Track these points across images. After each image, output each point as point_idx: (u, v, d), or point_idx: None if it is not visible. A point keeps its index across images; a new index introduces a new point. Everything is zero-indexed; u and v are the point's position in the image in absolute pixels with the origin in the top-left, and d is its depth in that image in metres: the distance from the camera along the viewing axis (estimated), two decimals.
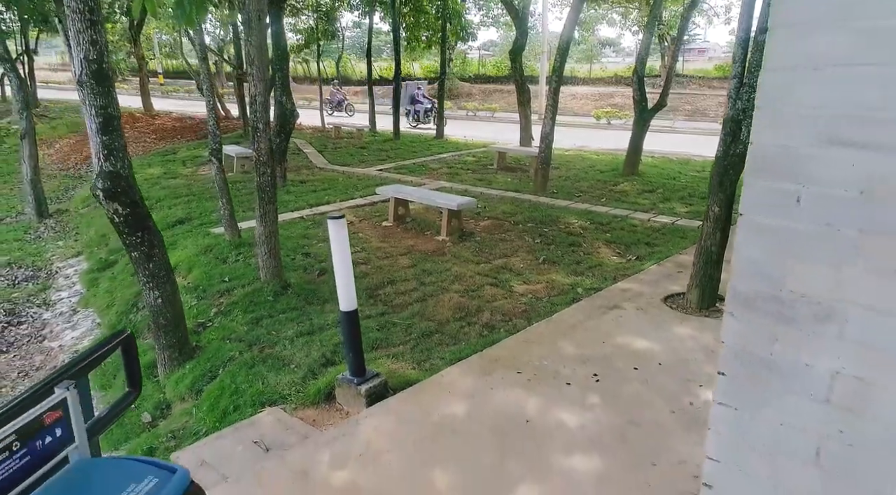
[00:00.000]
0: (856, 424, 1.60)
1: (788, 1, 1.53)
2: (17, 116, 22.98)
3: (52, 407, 1.61)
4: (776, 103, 1.59)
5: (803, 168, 1.57)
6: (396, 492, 2.78)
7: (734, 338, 1.77)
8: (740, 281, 1.73)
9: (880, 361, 1.53)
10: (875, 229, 1.49)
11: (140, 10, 3.84)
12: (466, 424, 3.33)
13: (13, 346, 6.04)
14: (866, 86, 1.44)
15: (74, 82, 3.67)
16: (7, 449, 1.47)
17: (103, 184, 3.74)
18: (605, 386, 3.70)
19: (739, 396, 1.79)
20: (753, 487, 1.81)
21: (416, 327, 4.77)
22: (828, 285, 1.58)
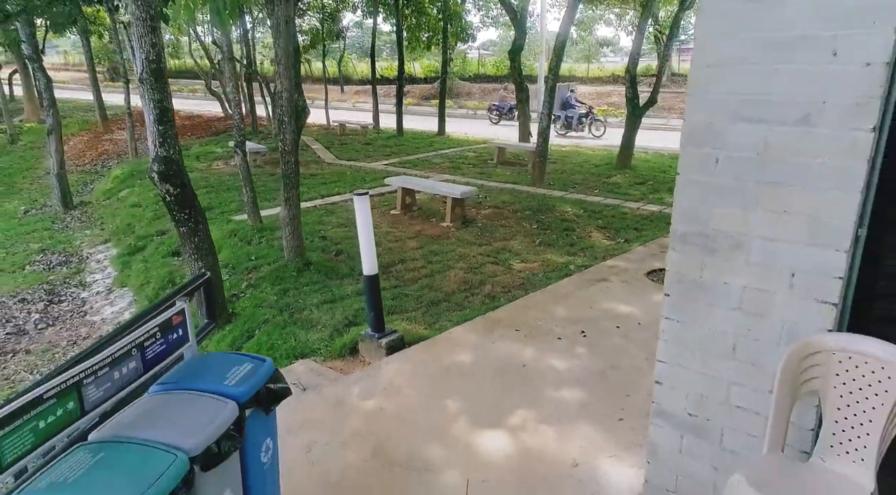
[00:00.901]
0: (759, 324, 2.21)
1: (706, 19, 2.14)
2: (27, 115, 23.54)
3: (176, 314, 2.22)
4: (701, 92, 2.20)
5: (719, 138, 2.18)
6: (415, 415, 3.38)
7: (675, 266, 2.38)
8: (678, 223, 2.34)
9: (773, 276, 2.14)
10: (766, 180, 2.10)
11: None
12: (471, 368, 3.94)
13: (58, 320, 6.64)
14: (756, 79, 2.05)
15: (136, 80, 4.27)
16: (153, 337, 2.08)
17: (158, 167, 4.34)
18: (590, 340, 4.31)
19: (679, 311, 2.40)
20: (690, 378, 2.42)
21: (426, 297, 5.37)
22: (738, 223, 2.19)
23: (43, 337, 6.28)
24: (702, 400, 2.41)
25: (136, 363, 2.01)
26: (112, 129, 18.95)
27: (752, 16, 2.03)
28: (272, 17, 5.43)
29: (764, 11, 2.00)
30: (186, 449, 1.75)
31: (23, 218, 11.33)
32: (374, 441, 3.13)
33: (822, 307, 2.07)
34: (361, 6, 20.47)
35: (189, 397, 2.02)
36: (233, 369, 2.19)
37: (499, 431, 3.21)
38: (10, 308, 7.08)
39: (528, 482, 2.82)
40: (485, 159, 13.25)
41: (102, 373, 1.84)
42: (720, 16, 2.12)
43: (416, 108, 26.74)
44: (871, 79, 1.85)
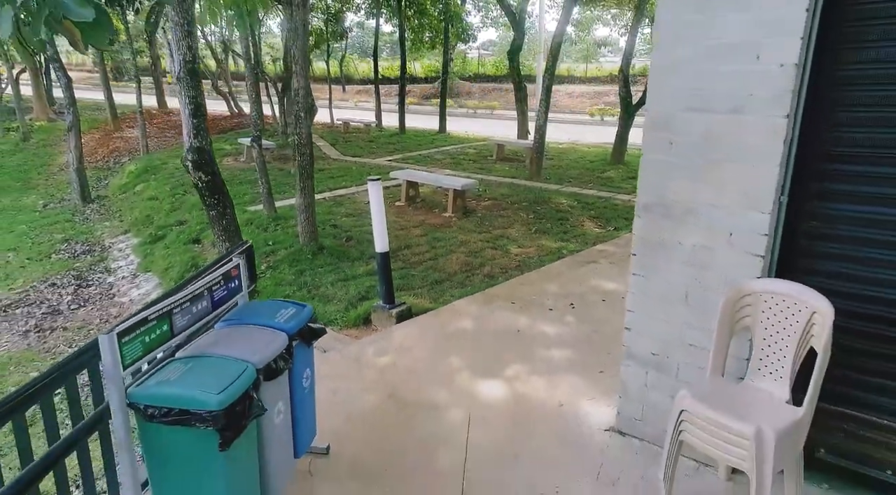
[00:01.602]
0: (705, 275, 2.73)
1: (662, 29, 2.66)
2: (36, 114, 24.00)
3: (234, 267, 2.75)
4: (658, 87, 2.72)
5: (673, 124, 2.70)
6: (424, 368, 3.90)
7: (640, 230, 2.90)
8: (643, 195, 2.86)
9: (716, 235, 2.66)
10: (709, 159, 2.62)
11: (158, 13, 4.90)
12: (472, 333, 4.46)
13: (89, 302, 7.16)
14: (700, 77, 2.57)
15: (174, 79, 4.78)
16: (219, 283, 2.60)
17: (192, 156, 4.86)
18: (578, 311, 4.83)
19: (644, 267, 2.93)
20: (652, 324, 2.94)
21: (430, 277, 5.89)
22: (688, 193, 2.71)
23: (76, 316, 6.80)
24: (662, 341, 2.94)
25: (207, 302, 2.53)
26: (122, 127, 19.44)
27: (697, 27, 2.56)
28: (290, 20, 5.93)
29: (706, 24, 2.53)
30: (254, 362, 2.27)
31: (42, 211, 11.84)
32: (389, 387, 3.65)
33: (753, 259, 2.60)
34: (364, 7, 20.96)
35: (250, 329, 2.55)
36: (281, 311, 2.71)
37: (496, 380, 3.73)
38: (42, 291, 7.60)
39: (521, 417, 3.34)
40: (484, 155, 13.77)
41: (185, 307, 2.37)
42: (672, 27, 2.65)
43: (416, 107, 27.23)
44: (786, 77, 2.38)
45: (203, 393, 2.03)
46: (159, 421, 2.05)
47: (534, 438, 3.14)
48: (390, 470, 2.89)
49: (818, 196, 2.52)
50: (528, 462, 2.95)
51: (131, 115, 21.08)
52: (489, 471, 2.88)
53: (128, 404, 2.06)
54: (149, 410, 2.05)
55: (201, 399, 2.02)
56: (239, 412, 2.09)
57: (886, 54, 2.31)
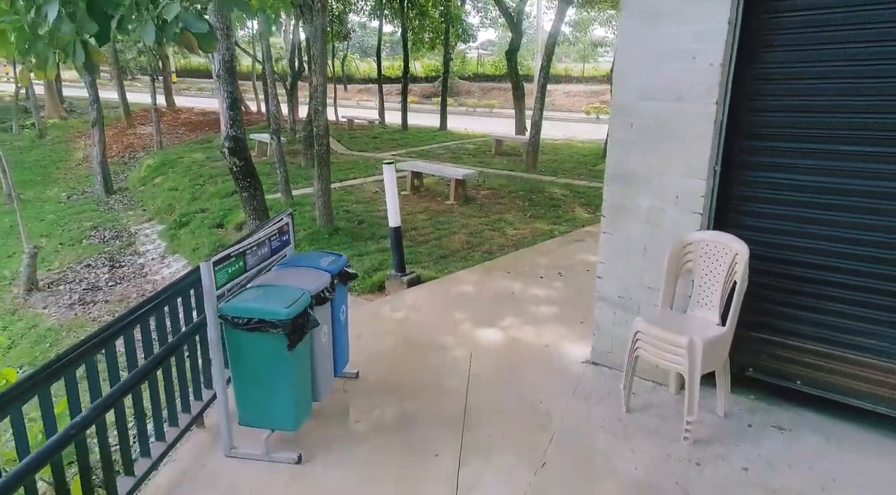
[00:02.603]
0: (658, 230, 3.45)
1: (623, 35, 3.38)
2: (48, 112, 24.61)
3: (284, 224, 3.47)
4: (621, 82, 3.44)
5: (633, 110, 3.42)
6: (432, 320, 4.62)
7: (608, 197, 3.62)
8: (610, 167, 3.58)
9: (665, 198, 3.38)
10: (660, 137, 3.34)
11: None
12: (473, 294, 5.18)
13: (124, 280, 7.87)
14: (652, 73, 3.28)
15: (214, 76, 5.49)
16: (275, 234, 3.32)
17: (229, 144, 5.57)
18: (566, 278, 5.55)
19: (612, 226, 3.65)
20: (618, 272, 3.66)
21: (435, 253, 6.61)
22: (645, 165, 3.43)
23: (114, 291, 7.51)
24: (626, 286, 3.66)
25: (267, 249, 3.26)
26: (134, 124, 20.14)
27: (648, 36, 3.28)
28: (310, 24, 6.64)
29: (654, 33, 3.24)
30: (308, 290, 2.98)
31: (67, 202, 12.55)
32: (404, 334, 4.37)
33: (693, 216, 3.31)
34: (366, 9, 21.66)
35: (301, 269, 3.27)
36: (324, 257, 3.43)
37: (493, 329, 4.45)
38: (79, 271, 8.32)
39: (513, 354, 4.06)
40: (484, 151, 14.48)
41: (253, 250, 3.09)
42: (631, 34, 3.36)
43: (417, 106, 27.90)
44: (715, 73, 3.10)
45: (275, 308, 2.75)
46: (242, 328, 2.76)
47: (523, 368, 3.86)
48: (408, 389, 3.61)
49: (742, 166, 3.25)
50: (519, 384, 3.67)
51: (140, 113, 21.81)
52: (487, 390, 3.60)
53: (219, 316, 2.78)
54: (234, 320, 2.76)
55: (274, 311, 2.74)
56: (301, 322, 2.81)
57: (790, 57, 3.04)
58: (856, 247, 3.02)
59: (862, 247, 3.00)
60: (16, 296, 7.53)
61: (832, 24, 2.91)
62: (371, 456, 2.99)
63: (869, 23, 2.82)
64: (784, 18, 3.04)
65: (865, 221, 2.98)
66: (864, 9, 2.83)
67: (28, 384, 2.20)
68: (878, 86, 2.86)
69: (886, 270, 2.96)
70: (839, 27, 2.90)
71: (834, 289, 3.11)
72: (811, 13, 2.95)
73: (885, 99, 2.84)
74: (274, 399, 2.89)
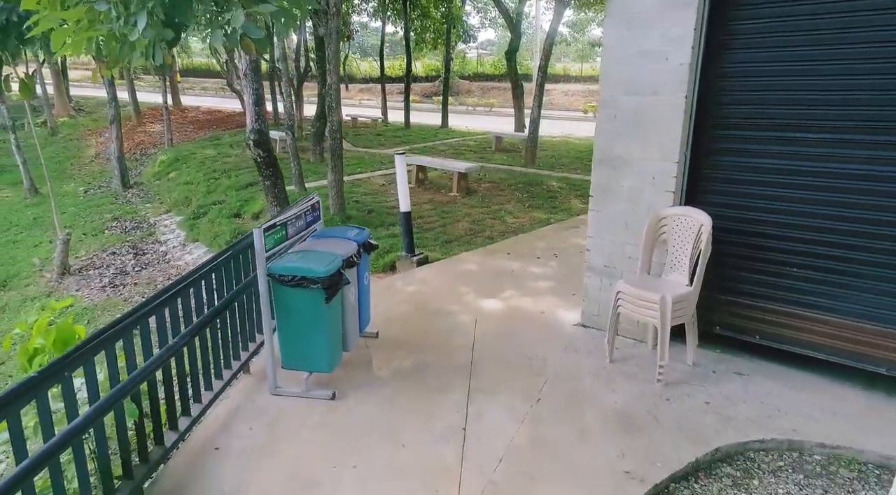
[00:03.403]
0: (637, 207, 4.01)
1: (608, 38, 3.93)
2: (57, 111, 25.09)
3: (315, 202, 4.02)
4: (607, 78, 3.99)
5: (617, 104, 3.97)
6: (440, 292, 5.17)
7: (596, 179, 4.18)
8: (597, 153, 4.14)
9: (644, 179, 3.94)
10: (639, 126, 3.89)
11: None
12: (476, 272, 5.73)
13: (149, 265, 8.42)
14: (633, 71, 3.84)
15: (241, 75, 6.02)
16: (308, 211, 3.88)
17: (254, 136, 6.12)
18: (560, 259, 6.11)
19: (598, 204, 4.20)
20: (604, 244, 4.21)
21: (440, 238, 7.16)
22: (626, 151, 3.99)
23: (141, 275, 8.06)
24: (611, 256, 4.22)
25: (303, 221, 3.81)
26: (144, 122, 20.67)
27: (628, 40, 3.83)
28: (325, 27, 7.19)
29: (634, 38, 3.80)
30: (340, 254, 3.54)
31: (85, 196, 13.09)
32: (415, 303, 4.93)
33: (667, 194, 3.87)
34: (368, 10, 22.23)
35: (333, 239, 3.82)
36: (350, 230, 3.99)
37: (495, 299, 5.01)
38: (105, 258, 8.86)
39: (513, 319, 4.61)
40: (484, 147, 15.03)
41: (293, 222, 3.64)
42: (614, 38, 3.92)
43: (417, 105, 28.40)
44: (684, 72, 3.65)
45: (315, 267, 3.30)
46: (287, 284, 3.31)
47: (522, 330, 4.41)
48: (421, 345, 4.16)
49: (708, 151, 3.80)
50: (518, 342, 4.22)
51: (147, 112, 22.36)
52: (490, 346, 4.15)
53: (267, 274, 3.33)
54: (280, 277, 3.31)
55: (314, 270, 3.29)
56: (335, 280, 3.36)
57: (747, 57, 3.59)
58: (807, 220, 3.57)
59: (812, 219, 3.55)
60: (49, 280, 8.08)
61: (782, 31, 3.47)
62: (393, 394, 3.54)
63: (813, 30, 3.38)
64: (742, 26, 3.59)
65: (815, 197, 3.53)
66: (808, 19, 3.38)
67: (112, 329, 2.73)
68: (822, 83, 3.41)
69: (833, 239, 3.51)
70: (788, 33, 3.45)
71: (788, 256, 3.67)
72: (764, 21, 3.51)
73: (829, 93, 3.39)
74: (312, 345, 3.44)
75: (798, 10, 3.40)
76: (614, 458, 2.94)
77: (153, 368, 2.81)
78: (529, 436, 3.13)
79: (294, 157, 8.97)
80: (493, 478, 2.81)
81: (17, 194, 13.84)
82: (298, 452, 3.02)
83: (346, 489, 2.75)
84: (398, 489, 2.75)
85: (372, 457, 2.97)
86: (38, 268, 8.89)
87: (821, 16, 3.33)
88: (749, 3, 3.54)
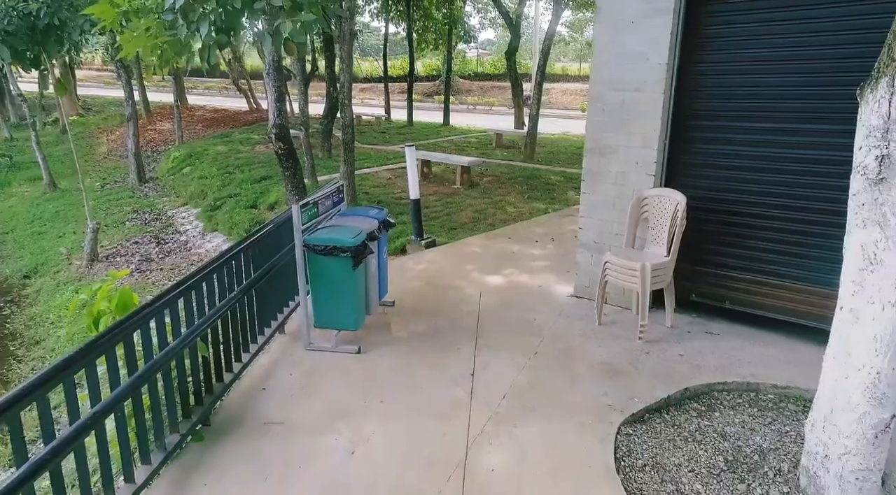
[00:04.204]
0: (623, 189, 4.56)
1: (597, 40, 4.49)
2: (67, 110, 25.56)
3: (340, 185, 4.58)
4: (596, 75, 4.55)
5: (605, 99, 4.53)
6: (448, 270, 5.72)
7: (587, 165, 4.74)
8: (588, 142, 4.69)
9: (629, 164, 4.50)
10: (624, 118, 4.45)
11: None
12: (480, 253, 6.29)
13: (172, 253, 8.96)
14: (618, 69, 4.40)
15: (264, 74, 6.58)
16: (335, 193, 4.44)
17: (276, 130, 6.67)
18: (557, 242, 6.66)
19: (589, 187, 4.76)
20: (594, 223, 4.77)
21: (446, 225, 7.72)
22: (613, 139, 4.55)
23: (165, 262, 8.61)
24: (600, 234, 4.77)
25: (331, 201, 4.37)
26: (153, 121, 21.21)
27: (614, 43, 4.38)
28: (339, 29, 7.74)
29: (618, 40, 4.35)
30: (364, 229, 4.09)
31: (102, 191, 13.62)
32: (426, 278, 5.48)
33: (649, 177, 4.42)
34: (372, 10, 22.74)
35: (356, 217, 4.38)
36: (371, 210, 4.55)
37: (498, 276, 5.56)
38: (129, 247, 9.41)
39: (513, 291, 5.17)
40: (485, 144, 15.58)
41: (323, 201, 4.20)
42: (603, 40, 4.47)
43: (418, 104, 28.94)
44: (662, 70, 4.20)
45: (344, 238, 3.85)
46: (320, 253, 3.86)
47: (522, 300, 4.97)
48: (433, 312, 4.71)
49: (684, 140, 4.36)
50: (518, 309, 4.77)
51: (156, 110, 22.91)
52: (493, 313, 4.71)
53: (304, 244, 3.89)
54: (314, 247, 3.87)
55: (343, 240, 3.84)
56: (361, 250, 3.91)
57: (717, 58, 4.14)
58: (772, 199, 4.12)
59: (776, 198, 4.10)
60: (80, 267, 8.63)
61: (745, 35, 4.02)
62: (410, 350, 4.10)
63: (769, 35, 3.93)
64: (712, 30, 4.14)
65: (778, 179, 4.08)
66: (765, 25, 3.93)
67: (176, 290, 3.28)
68: (780, 80, 3.96)
69: (794, 215, 4.05)
70: (750, 37, 4.00)
71: (753, 231, 4.22)
72: (731, 27, 4.06)
73: (785, 89, 3.94)
74: (341, 306, 4.00)
75: (757, 17, 3.95)
76: (599, 396, 3.50)
77: (214, 318, 3.36)
78: (528, 381, 3.68)
79: (307, 152, 9.51)
80: (497, 410, 3.36)
81: (37, 189, 14.39)
82: (332, 392, 3.58)
83: (374, 418, 3.30)
84: (420, 417, 3.30)
85: (395, 396, 3.53)
86: (65, 257, 9.43)
87: (776, 22, 3.89)
88: (718, 12, 4.09)
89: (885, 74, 2.27)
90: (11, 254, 10.46)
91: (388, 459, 2.97)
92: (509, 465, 2.92)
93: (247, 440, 3.14)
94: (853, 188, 2.41)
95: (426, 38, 20.75)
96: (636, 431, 3.24)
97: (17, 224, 12.06)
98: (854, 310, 2.44)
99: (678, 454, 3.05)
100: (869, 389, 2.38)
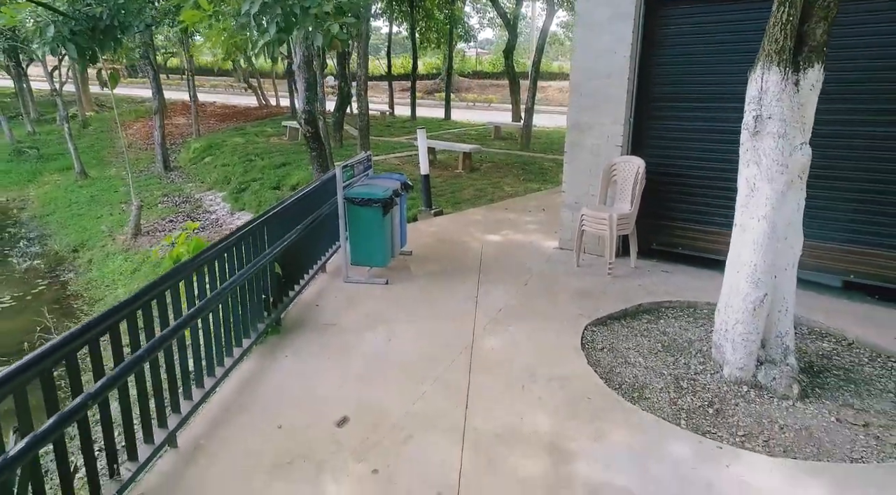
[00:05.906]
0: (597, 158, 5.67)
1: (576, 37, 5.58)
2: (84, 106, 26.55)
3: (368, 156, 5.67)
4: (576, 66, 5.64)
5: (582, 86, 5.62)
6: (454, 230, 6.81)
7: (569, 138, 5.83)
8: (569, 120, 5.79)
9: (602, 137, 5.59)
10: (598, 100, 5.55)
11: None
12: (481, 220, 7.39)
13: (205, 229, 10.04)
14: (594, 61, 5.48)
15: (295, 67, 7.64)
16: (365, 160, 5.53)
17: (305, 116, 7.74)
18: (547, 212, 7.76)
19: (571, 157, 5.86)
20: (575, 186, 5.87)
21: (451, 201, 8.81)
22: (590, 118, 5.64)
23: (200, 236, 9.67)
24: (579, 195, 5.86)
25: (363, 166, 5.46)
26: (168, 116, 22.27)
27: (590, 40, 5.47)
28: (357, 29, 8.82)
29: (594, 38, 5.43)
30: (391, 188, 5.18)
31: (132, 178, 14.68)
32: (436, 236, 6.57)
33: (617, 148, 5.51)
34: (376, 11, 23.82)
35: (382, 179, 5.47)
36: (393, 175, 5.64)
37: (495, 235, 6.65)
38: (166, 225, 10.49)
39: (509, 246, 6.26)
40: (484, 136, 16.66)
41: (356, 166, 5.29)
42: (581, 38, 5.56)
43: (420, 101, 30.00)
44: (626, 62, 5.29)
45: (376, 192, 4.94)
46: (357, 204, 4.95)
47: (515, 251, 6.06)
48: (443, 259, 5.80)
49: (647, 117, 5.45)
50: (512, 257, 5.86)
51: (170, 106, 23.97)
52: (493, 259, 5.80)
53: (344, 197, 4.97)
54: (353, 199, 4.95)
55: (375, 194, 4.93)
56: (389, 201, 5.00)
57: (672, 52, 5.23)
58: (714, 164, 5.20)
59: (717, 163, 5.18)
60: (125, 240, 9.71)
61: (693, 33, 5.11)
62: (427, 283, 5.18)
63: (713, 33, 5.02)
64: (666, 30, 5.23)
65: (718, 148, 5.16)
66: (710, 25, 5.02)
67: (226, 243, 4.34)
68: (722, 68, 5.04)
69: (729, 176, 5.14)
70: (697, 35, 5.09)
71: (702, 189, 5.30)
72: (681, 27, 5.15)
73: (724, 75, 5.02)
74: (373, 246, 5.08)
75: (699, 20, 5.04)
76: (574, 309, 4.59)
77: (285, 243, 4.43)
78: (519, 301, 4.77)
79: (326, 141, 10.58)
80: (495, 317, 4.45)
81: (67, 178, 15.45)
82: (369, 308, 4.67)
83: (404, 321, 4.40)
84: (438, 319, 4.39)
85: (418, 309, 4.62)
86: (107, 233, 10.51)
87: (712, 23, 4.98)
88: (669, 16, 5.18)
89: (759, 60, 3.37)
90: (56, 233, 11.54)
91: (415, 343, 4.07)
92: (505, 347, 4.01)
93: (311, 333, 4.23)
94: (742, 139, 3.50)
95: (428, 38, 21.83)
96: (599, 330, 4.33)
97: (55, 208, 13.13)
98: (742, 225, 3.53)
99: (629, 342, 4.15)
100: (750, 276, 3.47)
